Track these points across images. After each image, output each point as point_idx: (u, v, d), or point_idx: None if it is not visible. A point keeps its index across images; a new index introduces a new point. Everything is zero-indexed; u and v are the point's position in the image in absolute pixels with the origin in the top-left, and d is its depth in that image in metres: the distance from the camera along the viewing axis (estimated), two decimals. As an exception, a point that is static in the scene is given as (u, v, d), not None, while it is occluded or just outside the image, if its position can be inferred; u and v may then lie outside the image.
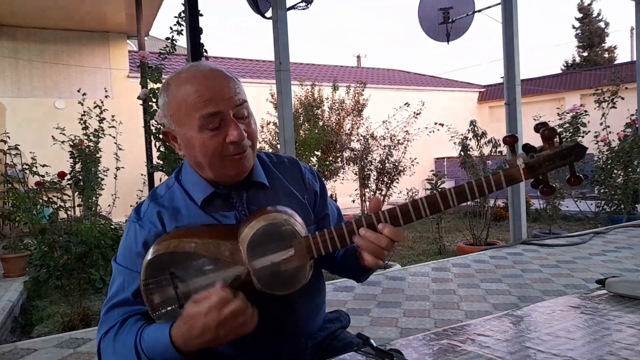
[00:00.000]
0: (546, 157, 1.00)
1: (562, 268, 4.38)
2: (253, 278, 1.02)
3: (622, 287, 1.20)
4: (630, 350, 0.87)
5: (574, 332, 0.98)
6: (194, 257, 1.02)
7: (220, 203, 1.15)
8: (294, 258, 1.03)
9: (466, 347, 0.92)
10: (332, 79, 12.54)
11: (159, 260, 1.02)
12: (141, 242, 1.10)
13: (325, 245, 1.04)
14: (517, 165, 1.01)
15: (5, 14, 9.74)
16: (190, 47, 4.11)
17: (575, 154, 1.00)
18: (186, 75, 1.11)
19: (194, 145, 1.09)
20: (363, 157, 9.97)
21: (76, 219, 5.18)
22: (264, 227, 1.02)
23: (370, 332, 3.02)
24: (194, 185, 1.16)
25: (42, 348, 3.02)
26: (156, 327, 1.02)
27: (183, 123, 1.09)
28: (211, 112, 1.06)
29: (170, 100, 1.11)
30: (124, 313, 1.09)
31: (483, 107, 18.07)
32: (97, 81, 10.91)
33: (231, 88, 1.10)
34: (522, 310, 1.16)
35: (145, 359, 1.01)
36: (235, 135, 1.06)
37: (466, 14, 7.48)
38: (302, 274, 1.04)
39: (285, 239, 1.03)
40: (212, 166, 1.10)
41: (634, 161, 7.02)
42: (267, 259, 1.02)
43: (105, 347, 1.08)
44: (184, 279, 1.02)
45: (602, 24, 26.57)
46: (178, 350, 0.98)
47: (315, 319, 1.30)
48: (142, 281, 1.02)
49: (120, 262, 1.12)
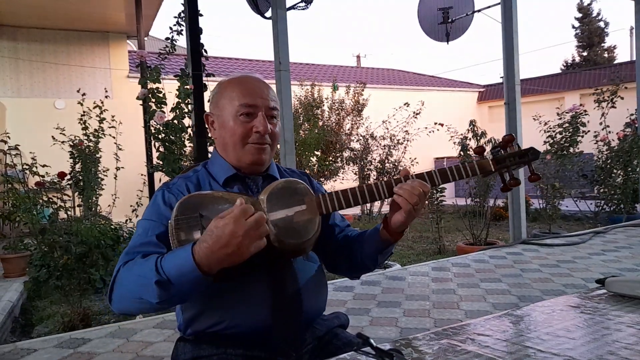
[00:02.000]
0: (509, 154, 1.30)
1: (562, 268, 4.39)
2: (270, 226, 1.14)
3: (622, 287, 1.20)
4: (630, 350, 0.87)
5: (573, 331, 0.98)
6: (220, 202, 1.16)
7: (239, 185, 1.33)
8: (305, 212, 1.20)
9: (466, 346, 0.93)
10: (332, 79, 12.55)
11: (190, 201, 1.15)
12: (168, 202, 1.25)
13: (332, 203, 1.23)
14: (487, 158, 1.30)
15: (6, 14, 9.74)
16: (190, 47, 4.12)
17: (531, 154, 1.30)
18: (240, 76, 1.37)
19: (226, 127, 1.31)
20: (363, 157, 9.98)
21: (76, 219, 5.17)
22: (282, 184, 1.23)
23: (370, 332, 3.02)
24: (218, 167, 1.35)
25: (42, 348, 3.02)
26: (178, 248, 1.10)
27: (224, 108, 1.32)
28: (249, 103, 1.29)
29: (221, 90, 1.35)
30: (146, 251, 1.17)
31: (483, 107, 18.08)
32: (97, 81, 10.91)
33: (270, 94, 1.34)
34: (522, 309, 1.16)
35: (163, 275, 1.05)
36: (261, 126, 1.29)
37: (466, 14, 7.49)
38: (312, 227, 1.20)
39: (299, 195, 1.21)
40: (236, 148, 1.31)
41: (634, 161, 7.03)
42: (283, 211, 1.18)
43: (124, 272, 1.14)
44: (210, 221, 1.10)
45: (601, 24, 26.59)
46: (198, 266, 1.03)
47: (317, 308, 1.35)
48: (173, 218, 1.13)
49: (145, 217, 1.26)
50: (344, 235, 1.45)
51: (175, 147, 4.19)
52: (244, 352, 1.20)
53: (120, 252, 5.01)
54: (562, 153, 6.80)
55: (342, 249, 1.41)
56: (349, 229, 1.48)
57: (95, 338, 3.16)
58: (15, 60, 10.53)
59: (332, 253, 1.42)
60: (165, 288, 1.05)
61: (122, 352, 2.90)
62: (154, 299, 1.06)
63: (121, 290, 1.13)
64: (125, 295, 1.13)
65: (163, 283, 1.05)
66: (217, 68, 13.25)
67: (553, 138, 6.97)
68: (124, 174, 6.58)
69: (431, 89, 16.86)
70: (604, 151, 7.39)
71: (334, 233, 1.44)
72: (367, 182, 1.25)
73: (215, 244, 1.02)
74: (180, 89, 4.22)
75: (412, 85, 16.90)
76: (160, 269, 1.05)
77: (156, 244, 1.18)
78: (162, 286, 1.05)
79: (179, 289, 1.06)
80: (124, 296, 1.13)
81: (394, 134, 9.91)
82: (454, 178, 1.27)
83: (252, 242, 1.04)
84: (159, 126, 4.13)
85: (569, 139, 6.81)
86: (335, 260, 1.43)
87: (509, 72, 5.67)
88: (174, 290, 1.06)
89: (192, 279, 1.04)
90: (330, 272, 1.48)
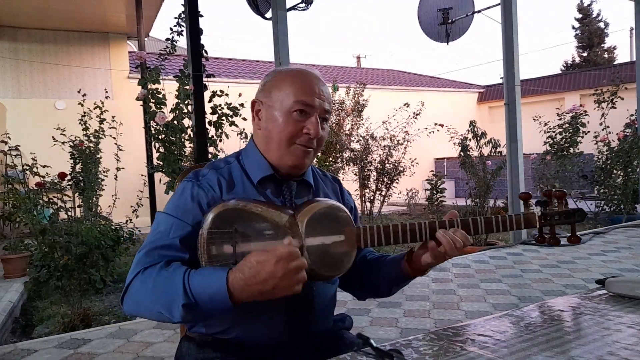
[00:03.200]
0: (556, 212, 1.27)
1: (562, 268, 4.39)
2: (305, 253, 1.10)
3: (622, 287, 1.20)
4: (630, 350, 0.87)
5: (573, 332, 0.98)
6: (257, 220, 1.10)
7: (272, 187, 1.24)
8: (343, 243, 1.14)
9: (466, 347, 0.93)
10: (332, 79, 12.55)
11: (226, 214, 1.08)
12: (197, 199, 1.16)
13: (372, 238, 1.17)
14: (534, 213, 1.26)
15: (6, 15, 9.74)
16: (190, 47, 4.12)
17: (578, 215, 1.28)
18: (299, 70, 1.27)
19: (276, 121, 1.21)
20: (363, 158, 9.97)
21: (76, 219, 5.17)
22: (325, 209, 1.15)
23: (371, 332, 3.03)
24: (255, 163, 1.26)
25: (43, 349, 3.02)
26: (210, 270, 1.04)
27: (277, 100, 1.22)
28: (307, 102, 1.20)
29: (277, 79, 1.24)
30: (167, 256, 1.10)
31: (483, 108, 18.08)
32: (97, 82, 10.90)
33: (328, 96, 1.25)
34: (522, 310, 1.16)
35: (191, 297, 1.01)
36: (313, 128, 1.20)
37: (466, 15, 7.49)
38: (347, 260, 1.15)
39: (339, 224, 1.15)
40: (280, 146, 1.21)
41: (634, 161, 7.03)
42: (320, 238, 1.12)
43: (144, 281, 1.08)
44: (244, 238, 1.08)
45: (601, 25, 26.59)
46: (231, 295, 1.00)
47: (326, 321, 1.33)
48: (207, 230, 1.06)
49: (169, 212, 1.16)
50: (363, 255, 1.41)
51: (175, 148, 4.19)
52: (248, 355, 1.19)
53: (121, 252, 5.05)
54: (562, 153, 6.81)
55: (358, 270, 1.36)
56: (367, 249, 1.42)
57: (96, 338, 3.16)
58: (16, 61, 10.53)
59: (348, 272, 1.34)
60: (192, 310, 1.02)
61: (123, 353, 2.90)
62: (177, 318, 1.03)
63: (139, 297, 1.08)
64: (143, 304, 1.08)
65: (190, 306, 1.01)
66: (218, 69, 13.25)
67: (553, 138, 6.98)
68: (125, 175, 6.58)
69: (431, 89, 16.86)
70: (604, 152, 7.40)
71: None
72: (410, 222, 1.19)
73: (252, 279, 0.98)
74: (180, 89, 4.22)
75: (412, 85, 16.89)
76: (189, 291, 1.01)
77: (179, 248, 1.11)
78: (189, 308, 1.02)
79: (205, 313, 1.04)
80: (141, 304, 1.08)
81: (394, 134, 9.91)
82: (497, 229, 1.24)
83: (290, 287, 1.00)
84: (159, 127, 4.13)
85: (569, 140, 6.82)
86: (348, 279, 1.37)
87: (509, 72, 5.68)
88: (199, 312, 1.03)
89: (222, 307, 1.01)
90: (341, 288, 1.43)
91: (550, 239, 1.28)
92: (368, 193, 10.11)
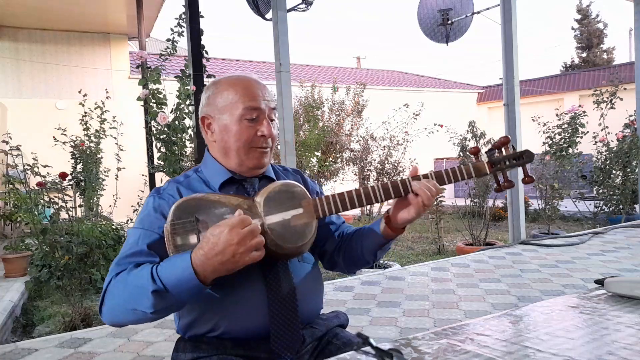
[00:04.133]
0: (503, 157, 1.32)
1: (561, 268, 4.40)
2: (267, 229, 1.15)
3: (621, 287, 1.21)
4: (630, 350, 0.88)
5: (572, 331, 0.99)
6: (216, 206, 1.16)
7: (233, 189, 1.30)
8: (302, 215, 1.20)
9: (465, 346, 0.93)
10: (332, 80, 12.55)
11: (186, 205, 1.14)
12: (159, 209, 1.23)
13: (329, 207, 1.23)
14: (482, 161, 1.31)
15: (7, 16, 9.74)
16: (191, 48, 4.13)
17: (526, 157, 1.32)
18: (238, 77, 1.33)
19: (230, 131, 1.27)
20: (363, 158, 9.97)
21: (77, 219, 5.17)
22: (279, 187, 1.22)
23: (370, 332, 3.03)
24: (213, 172, 1.32)
25: (43, 348, 3.03)
26: (176, 255, 1.10)
27: (226, 111, 1.28)
28: (254, 106, 1.26)
29: (220, 91, 1.30)
30: (138, 262, 1.15)
31: (482, 108, 18.08)
32: (98, 82, 10.90)
33: (270, 95, 1.32)
34: (521, 310, 1.16)
35: (159, 283, 1.05)
36: (266, 130, 1.27)
37: (465, 16, 7.50)
38: (309, 231, 1.20)
39: (295, 198, 1.21)
40: (239, 153, 1.28)
41: (633, 161, 7.04)
42: (279, 215, 1.18)
43: (115, 284, 1.13)
44: (206, 225, 1.12)
45: (600, 25, 26.60)
46: (196, 273, 1.04)
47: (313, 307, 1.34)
48: (169, 222, 1.12)
49: (136, 225, 1.24)
50: (340, 232, 1.46)
51: (176, 148, 4.20)
52: (244, 352, 1.20)
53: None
54: (561, 154, 6.81)
55: (340, 246, 1.42)
56: (344, 225, 1.49)
57: (96, 338, 3.17)
58: (17, 61, 10.53)
59: (330, 251, 1.43)
60: (162, 297, 1.05)
61: (123, 352, 2.91)
62: (149, 308, 1.06)
63: (113, 302, 1.12)
64: (117, 307, 1.11)
65: (160, 292, 1.05)
66: (218, 69, 13.26)
67: (552, 139, 6.98)
68: (125, 175, 6.60)
69: (431, 90, 16.86)
70: (603, 152, 7.41)
71: (330, 231, 1.45)
72: (364, 185, 1.25)
73: (211, 251, 1.03)
74: (180, 89, 4.23)
75: (412, 86, 16.90)
76: (156, 278, 1.05)
77: (147, 253, 1.16)
78: (159, 295, 1.05)
79: (176, 298, 1.07)
80: (116, 308, 1.12)
81: (393, 134, 9.91)
82: (449, 180, 1.28)
83: (247, 252, 1.04)
84: (161, 127, 4.14)
85: (568, 140, 6.82)
86: (333, 257, 1.43)
87: (508, 73, 5.69)
88: (170, 299, 1.06)
89: (190, 287, 1.05)
90: (328, 270, 1.49)
91: (505, 182, 1.33)
92: (368, 193, 10.07)
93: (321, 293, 1.39)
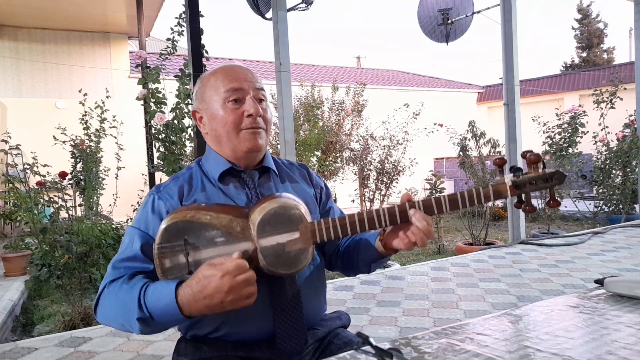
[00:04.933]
0: (530, 178, 1.14)
1: (561, 268, 4.40)
2: (259, 255, 1.10)
3: (621, 287, 1.21)
4: (629, 350, 0.88)
5: (572, 331, 0.99)
6: (207, 228, 1.10)
7: (234, 181, 1.28)
8: (298, 240, 1.13)
9: (465, 346, 0.94)
10: (332, 79, 12.55)
11: (174, 227, 1.09)
12: (157, 209, 1.21)
13: (327, 232, 1.14)
14: (505, 182, 1.15)
15: (7, 15, 9.74)
16: (191, 47, 4.12)
17: (556, 179, 1.15)
18: (219, 66, 1.32)
19: (216, 117, 1.26)
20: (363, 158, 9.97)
21: (77, 218, 5.17)
22: (275, 209, 1.12)
23: (370, 331, 3.04)
24: (212, 163, 1.30)
25: (43, 347, 3.03)
26: (163, 284, 1.08)
27: (210, 99, 1.27)
28: (235, 87, 1.25)
29: (204, 82, 1.31)
30: (132, 268, 1.16)
31: (482, 108, 18.08)
32: (98, 81, 10.91)
33: (253, 76, 1.30)
34: (521, 309, 1.16)
35: (145, 311, 1.06)
36: (251, 108, 1.24)
37: (465, 15, 7.50)
38: (304, 257, 1.13)
39: (292, 222, 1.13)
40: (230, 138, 1.25)
41: (633, 161, 7.04)
42: (274, 238, 1.11)
43: (109, 294, 1.14)
44: (196, 248, 1.09)
45: (601, 25, 26.60)
46: (180, 309, 1.03)
47: (317, 309, 1.34)
48: (156, 245, 1.09)
49: (133, 225, 1.23)
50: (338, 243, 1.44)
51: (175, 148, 4.19)
52: (245, 354, 1.20)
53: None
54: (561, 154, 6.81)
55: (338, 251, 1.41)
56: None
57: (96, 337, 3.17)
58: (17, 61, 10.53)
59: (329, 253, 1.42)
60: (147, 324, 1.07)
61: (123, 351, 2.91)
62: (136, 330, 1.08)
63: (105, 310, 1.14)
64: (108, 316, 1.14)
65: (145, 320, 1.06)
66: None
67: (552, 139, 6.98)
68: (125, 174, 6.60)
69: (431, 89, 16.86)
70: (603, 152, 7.41)
71: None
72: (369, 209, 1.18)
73: (199, 294, 1.01)
74: (180, 89, 4.23)
75: (412, 86, 16.89)
76: (143, 305, 1.06)
77: (142, 259, 1.16)
78: (144, 322, 1.07)
79: (161, 325, 1.09)
80: (107, 315, 1.14)
81: (393, 134, 9.91)
82: (464, 205, 1.16)
83: (237, 300, 1.02)
84: (160, 126, 4.13)
85: (568, 140, 6.82)
86: (332, 260, 1.43)
87: (509, 73, 5.69)
88: (155, 325, 1.08)
89: (174, 319, 1.06)
90: (327, 269, 1.47)
91: (526, 206, 1.17)
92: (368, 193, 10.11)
93: (323, 292, 1.38)
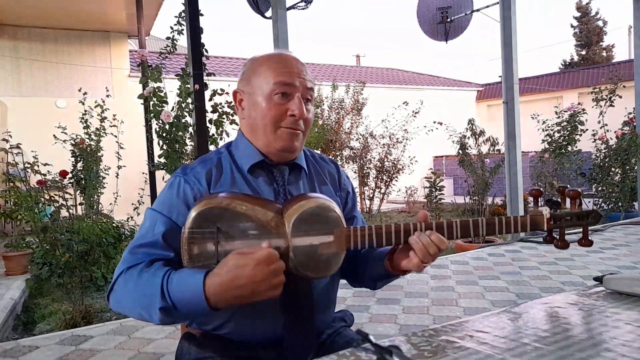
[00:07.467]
0: (567, 213, 1.14)
1: (560, 265, 4.41)
2: (291, 253, 1.05)
3: (620, 284, 1.21)
4: (628, 347, 0.88)
5: (571, 328, 1.00)
6: (242, 219, 1.05)
7: (263, 175, 1.22)
8: (332, 244, 1.08)
9: (464, 343, 0.94)
10: (332, 78, 12.55)
11: (209, 213, 1.04)
12: (182, 194, 1.15)
13: (362, 240, 1.10)
14: (543, 214, 1.14)
15: (7, 14, 9.72)
16: (191, 46, 4.13)
17: (592, 217, 1.16)
18: (275, 53, 1.24)
19: (258, 107, 1.19)
20: (362, 156, 9.98)
21: (78, 217, 5.18)
22: (313, 208, 1.07)
23: (370, 329, 3.05)
24: (244, 152, 1.24)
25: (44, 345, 3.04)
26: (188, 272, 1.02)
27: (257, 86, 1.19)
28: (286, 82, 1.17)
29: (254, 67, 1.22)
30: (151, 255, 1.10)
31: (481, 106, 18.08)
32: (98, 80, 10.89)
33: (307, 75, 1.22)
34: (520, 307, 1.16)
35: (169, 301, 1.01)
36: (296, 109, 1.17)
37: (464, 14, 7.50)
38: (335, 262, 1.09)
39: (328, 225, 1.08)
40: (266, 132, 1.19)
41: (632, 159, 7.05)
42: (308, 238, 1.06)
43: (126, 281, 1.08)
44: (227, 238, 1.04)
45: (600, 23, 26.56)
46: (207, 300, 0.98)
47: (329, 313, 1.32)
48: (187, 229, 1.03)
49: (155, 208, 1.16)
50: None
51: (178, 146, 4.21)
52: (247, 355, 1.18)
53: (122, 249, 5.05)
54: (560, 151, 6.82)
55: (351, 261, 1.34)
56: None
57: (97, 335, 3.18)
58: (17, 60, 10.51)
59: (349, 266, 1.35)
60: (169, 314, 1.02)
61: (124, 349, 2.92)
62: (156, 320, 1.03)
63: (121, 298, 1.09)
64: (125, 304, 1.09)
65: (168, 310, 1.01)
66: (218, 67, 13.23)
67: (551, 137, 7.00)
68: (126, 173, 6.60)
69: (430, 88, 16.86)
70: (602, 150, 7.41)
71: None
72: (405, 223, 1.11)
73: (230, 283, 0.97)
74: (181, 87, 4.24)
75: (411, 84, 16.89)
76: (166, 294, 1.01)
77: (162, 245, 1.10)
78: (166, 312, 1.02)
79: (183, 315, 1.05)
80: (123, 303, 1.09)
81: (393, 132, 9.92)
82: (500, 231, 1.14)
83: (267, 290, 0.99)
84: (164, 125, 4.15)
85: (567, 138, 6.84)
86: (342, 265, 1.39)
87: (508, 71, 5.69)
88: (178, 315, 1.03)
89: (199, 311, 1.01)
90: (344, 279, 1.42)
91: (559, 241, 1.16)
92: (367, 191, 10.11)
93: (335, 300, 1.34)
